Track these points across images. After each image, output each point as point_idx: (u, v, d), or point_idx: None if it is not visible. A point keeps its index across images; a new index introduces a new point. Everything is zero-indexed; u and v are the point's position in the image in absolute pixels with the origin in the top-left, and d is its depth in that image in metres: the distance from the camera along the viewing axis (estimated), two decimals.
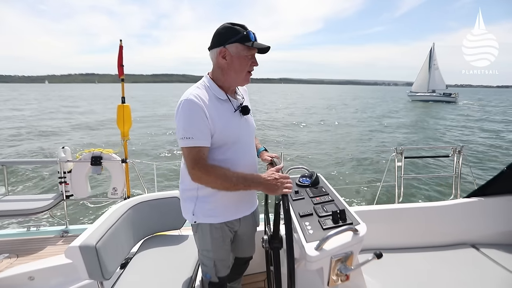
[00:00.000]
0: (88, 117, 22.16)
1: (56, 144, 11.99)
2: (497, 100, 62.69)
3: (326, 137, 15.10)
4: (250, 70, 1.24)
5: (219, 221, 1.31)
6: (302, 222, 1.22)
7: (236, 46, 1.18)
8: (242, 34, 1.16)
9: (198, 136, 1.13)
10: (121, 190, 3.13)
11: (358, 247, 1.14)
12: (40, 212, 2.75)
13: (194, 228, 1.36)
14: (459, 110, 34.08)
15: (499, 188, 2.09)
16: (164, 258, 1.74)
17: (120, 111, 2.95)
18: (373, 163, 9.15)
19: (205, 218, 1.30)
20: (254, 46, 1.18)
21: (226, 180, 1.12)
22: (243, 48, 1.18)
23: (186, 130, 1.13)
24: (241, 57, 1.20)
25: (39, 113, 25.34)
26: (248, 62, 1.22)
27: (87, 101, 43.05)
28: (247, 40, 1.17)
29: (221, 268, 1.42)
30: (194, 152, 1.13)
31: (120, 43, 2.85)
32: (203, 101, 1.15)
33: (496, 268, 1.81)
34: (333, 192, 1.47)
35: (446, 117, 25.54)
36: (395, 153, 2.83)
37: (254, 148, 1.42)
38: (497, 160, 9.85)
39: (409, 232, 2.06)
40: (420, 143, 14.00)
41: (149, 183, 3.94)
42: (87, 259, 1.31)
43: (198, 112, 1.13)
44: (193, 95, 1.15)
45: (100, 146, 6.54)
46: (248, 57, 1.21)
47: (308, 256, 1.04)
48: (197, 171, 1.13)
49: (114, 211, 1.69)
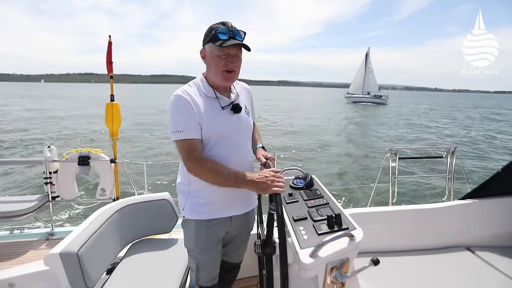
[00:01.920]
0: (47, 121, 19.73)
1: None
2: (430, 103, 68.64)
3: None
4: (226, 69, 1.21)
5: (205, 218, 1.29)
6: (296, 227, 1.17)
7: (210, 46, 1.19)
8: (211, 34, 1.17)
9: (187, 129, 1.17)
10: (110, 191, 3.04)
11: (354, 253, 1.09)
12: (24, 214, 2.64)
13: (183, 223, 1.36)
14: (388, 110, 38.97)
15: (494, 190, 2.08)
16: (152, 262, 1.68)
17: (108, 109, 2.85)
18: (368, 164, 9.21)
19: (191, 213, 1.30)
20: (220, 45, 1.15)
21: (217, 174, 1.15)
22: (215, 48, 1.18)
23: (176, 123, 1.17)
24: (214, 57, 1.20)
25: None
26: (221, 62, 1.19)
27: (69, 100, 42.62)
28: (216, 40, 1.16)
29: (204, 276, 1.36)
30: (186, 144, 1.17)
31: (109, 39, 2.76)
32: (190, 97, 1.20)
33: (491, 270, 1.80)
34: (328, 194, 1.42)
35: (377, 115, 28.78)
36: (389, 154, 2.81)
37: (246, 147, 1.38)
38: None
39: (404, 234, 2.03)
40: (359, 142, 14.47)
41: (139, 184, 3.84)
42: (68, 267, 1.24)
43: (185, 106, 1.18)
44: (181, 91, 1.21)
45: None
46: (220, 57, 1.19)
47: (302, 263, 0.99)
48: (191, 163, 1.17)
49: (100, 214, 1.61)
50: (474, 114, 38.11)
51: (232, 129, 1.28)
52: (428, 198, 6.31)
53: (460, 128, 22.33)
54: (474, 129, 21.69)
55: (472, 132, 19.91)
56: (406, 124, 24.10)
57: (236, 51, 1.20)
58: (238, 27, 1.20)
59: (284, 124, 21.07)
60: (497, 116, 35.14)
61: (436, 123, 25.22)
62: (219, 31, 1.15)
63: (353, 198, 6.21)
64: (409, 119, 27.86)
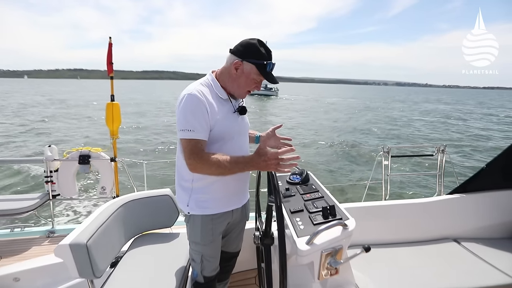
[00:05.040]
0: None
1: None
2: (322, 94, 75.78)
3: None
4: (250, 90, 1.33)
5: (211, 213, 1.35)
6: (293, 218, 1.25)
7: (252, 67, 1.24)
8: (262, 62, 1.23)
9: (199, 129, 1.19)
10: (110, 190, 3.08)
11: (347, 241, 1.18)
12: (25, 212, 2.68)
13: (187, 219, 1.40)
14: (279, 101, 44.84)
15: (479, 185, 2.20)
16: (155, 256, 1.74)
17: (109, 109, 2.90)
18: (362, 161, 9.35)
19: (198, 209, 1.34)
20: (265, 77, 1.26)
21: (220, 166, 1.17)
22: (256, 72, 1.25)
23: (188, 122, 1.18)
24: (250, 78, 1.27)
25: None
26: (253, 85, 1.31)
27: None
28: (263, 69, 1.24)
29: (208, 266, 1.43)
30: (193, 143, 1.18)
31: (110, 41, 2.81)
32: (205, 97, 1.22)
33: (476, 261, 1.91)
34: (323, 189, 1.51)
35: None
36: (382, 152, 2.90)
37: (247, 146, 1.47)
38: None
39: (395, 228, 2.13)
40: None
41: (139, 182, 3.89)
42: (78, 257, 1.29)
43: (200, 107, 1.19)
44: (196, 91, 1.21)
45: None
46: (255, 81, 1.29)
47: (299, 250, 1.07)
48: (193, 160, 1.18)
49: (105, 209, 1.67)
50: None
51: (238, 131, 1.36)
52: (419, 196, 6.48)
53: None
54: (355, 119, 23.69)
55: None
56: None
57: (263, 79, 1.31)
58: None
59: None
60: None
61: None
62: (269, 63, 1.23)
63: (347, 195, 6.32)
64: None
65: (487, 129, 20.55)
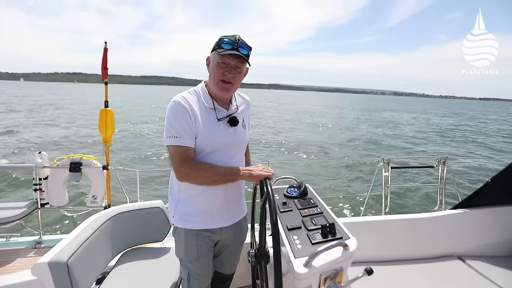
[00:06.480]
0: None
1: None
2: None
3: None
4: (223, 78, 1.20)
5: (194, 228, 1.27)
6: (290, 236, 1.17)
7: (214, 54, 1.20)
8: (217, 42, 1.18)
9: (185, 136, 1.17)
10: (101, 198, 2.98)
11: (348, 263, 1.10)
12: (11, 222, 2.57)
13: (173, 231, 1.35)
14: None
15: (484, 199, 2.12)
16: (143, 272, 1.64)
17: (102, 116, 2.83)
18: (361, 173, 9.27)
19: (181, 222, 1.29)
20: (220, 53, 1.16)
21: (214, 173, 1.17)
22: (217, 56, 1.19)
23: (173, 129, 1.16)
24: (214, 64, 1.20)
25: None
26: (219, 70, 1.19)
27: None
28: (219, 48, 1.17)
29: (196, 285, 1.34)
30: (182, 150, 1.16)
31: (105, 45, 2.76)
32: (189, 105, 1.20)
33: (481, 280, 1.82)
34: (322, 204, 1.43)
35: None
36: (382, 163, 2.84)
37: (239, 160, 1.36)
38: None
39: (396, 244, 2.04)
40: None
41: (132, 191, 3.79)
42: (57, 277, 1.20)
43: (183, 114, 1.17)
44: (181, 98, 1.20)
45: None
46: (220, 65, 1.19)
47: (296, 273, 0.99)
48: (186, 168, 1.16)
49: (91, 222, 1.58)
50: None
51: (226, 142, 1.27)
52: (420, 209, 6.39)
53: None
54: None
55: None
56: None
57: (237, 63, 1.19)
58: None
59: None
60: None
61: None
62: (224, 40, 1.16)
63: (346, 207, 6.23)
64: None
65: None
